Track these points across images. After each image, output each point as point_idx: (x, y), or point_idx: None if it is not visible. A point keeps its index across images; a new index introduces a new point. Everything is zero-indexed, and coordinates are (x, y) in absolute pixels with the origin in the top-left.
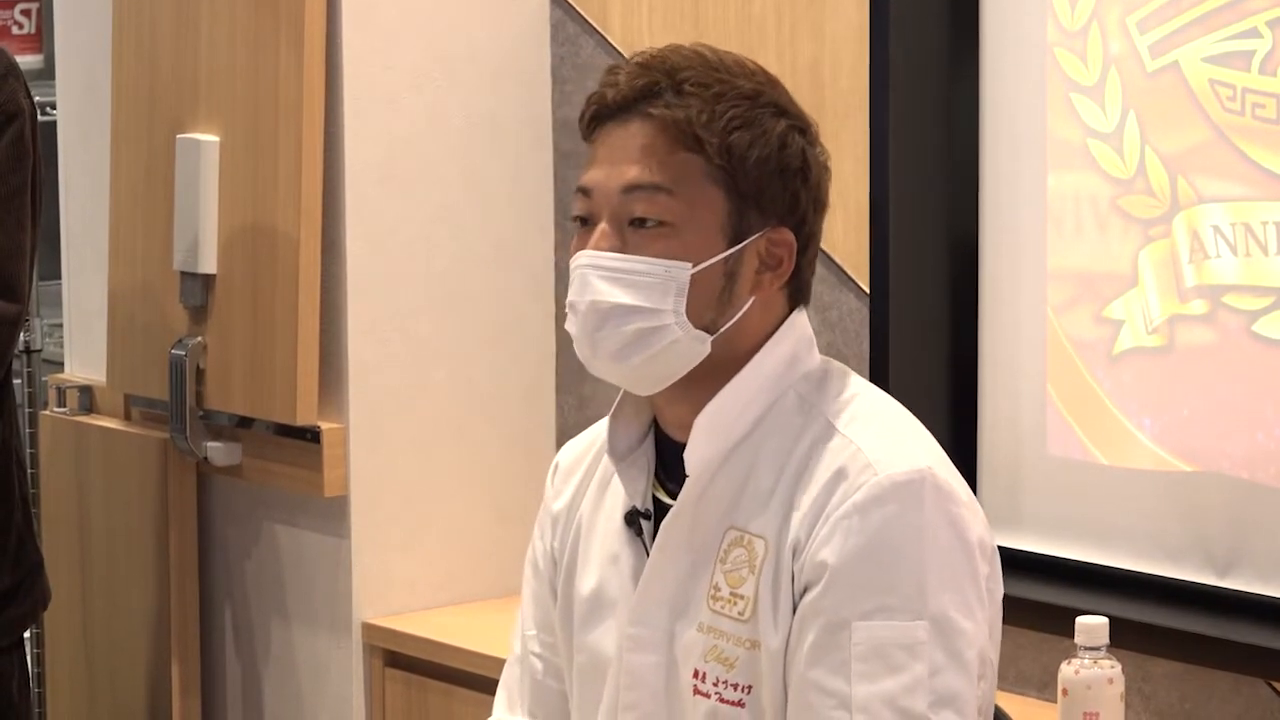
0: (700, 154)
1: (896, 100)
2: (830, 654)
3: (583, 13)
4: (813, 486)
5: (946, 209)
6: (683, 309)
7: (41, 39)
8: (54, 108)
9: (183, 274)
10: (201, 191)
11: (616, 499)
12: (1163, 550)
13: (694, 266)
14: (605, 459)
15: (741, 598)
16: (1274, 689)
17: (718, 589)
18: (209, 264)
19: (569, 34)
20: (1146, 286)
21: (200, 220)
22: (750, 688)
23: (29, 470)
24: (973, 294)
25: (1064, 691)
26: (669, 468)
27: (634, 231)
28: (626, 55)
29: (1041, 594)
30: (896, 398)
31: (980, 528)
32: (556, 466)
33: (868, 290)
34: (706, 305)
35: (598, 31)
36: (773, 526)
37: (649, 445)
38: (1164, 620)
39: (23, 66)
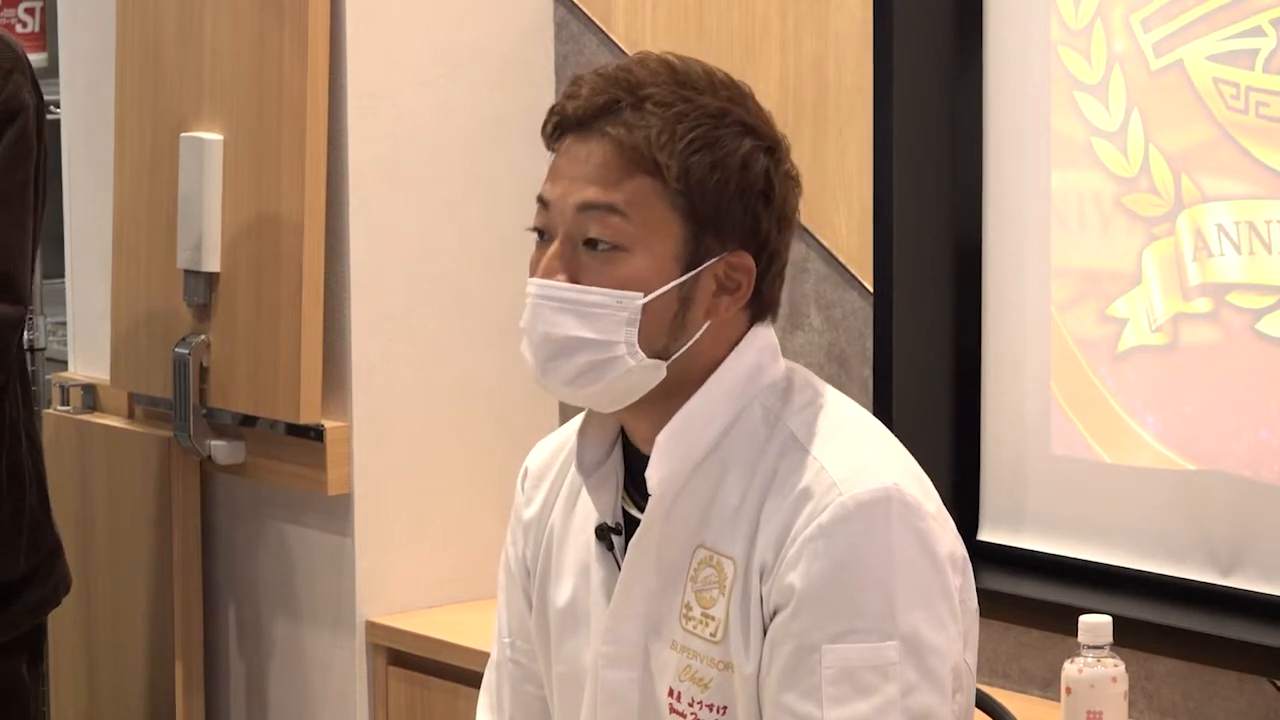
0: (658, 178)
1: (900, 98)
2: (801, 678)
3: (586, 11)
4: (779, 507)
5: (950, 207)
6: (635, 338)
7: (45, 37)
8: (58, 106)
9: (186, 272)
10: (205, 189)
11: (587, 509)
12: (1166, 549)
13: (646, 295)
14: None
15: (713, 619)
16: (1277, 687)
17: (689, 608)
18: (213, 262)
19: (572, 32)
20: (1150, 285)
21: (204, 218)
22: (725, 708)
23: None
24: (976, 292)
25: (1067, 690)
26: (638, 480)
27: (587, 253)
28: (629, 53)
29: (1045, 592)
30: (900, 397)
31: (950, 539)
32: (526, 472)
33: (871, 289)
34: (659, 332)
35: (601, 30)
36: (741, 547)
37: (617, 458)
38: (1167, 619)
39: None
